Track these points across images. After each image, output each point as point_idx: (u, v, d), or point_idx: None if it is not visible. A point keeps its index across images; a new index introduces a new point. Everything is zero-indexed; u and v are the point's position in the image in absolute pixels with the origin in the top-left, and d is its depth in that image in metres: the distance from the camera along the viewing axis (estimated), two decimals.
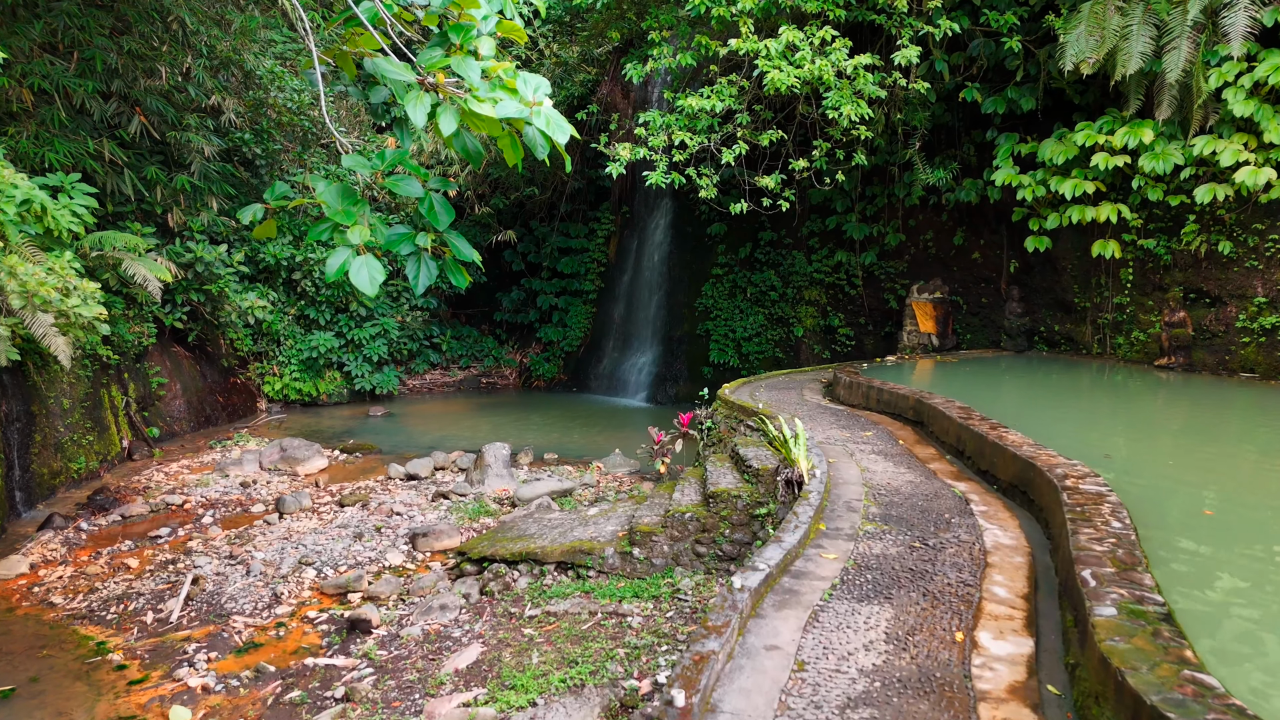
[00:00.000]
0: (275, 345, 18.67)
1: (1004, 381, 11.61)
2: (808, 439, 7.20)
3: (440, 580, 8.31)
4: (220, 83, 17.09)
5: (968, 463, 7.05)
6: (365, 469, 13.21)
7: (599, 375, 21.07)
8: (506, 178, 20.52)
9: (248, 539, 9.80)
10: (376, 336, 19.47)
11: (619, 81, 20.98)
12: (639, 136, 12.32)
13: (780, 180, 12.18)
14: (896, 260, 16.09)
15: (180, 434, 15.55)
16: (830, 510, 5.50)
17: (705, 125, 12.01)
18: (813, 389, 11.35)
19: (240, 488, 11.89)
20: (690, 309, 19.70)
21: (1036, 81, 12.62)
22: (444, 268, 5.06)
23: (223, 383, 17.46)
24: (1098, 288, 12.76)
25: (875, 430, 8.34)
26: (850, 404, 9.88)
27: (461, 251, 5.04)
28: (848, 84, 11.19)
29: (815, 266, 17.36)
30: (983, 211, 14.41)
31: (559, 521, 8.84)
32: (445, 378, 22.23)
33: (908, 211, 15.62)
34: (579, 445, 14.91)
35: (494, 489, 11.40)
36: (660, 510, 8.21)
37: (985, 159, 14.17)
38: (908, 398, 8.77)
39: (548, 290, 22.57)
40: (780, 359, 18.07)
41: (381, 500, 11.16)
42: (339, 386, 19.21)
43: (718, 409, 9.95)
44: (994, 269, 14.52)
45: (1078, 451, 6.83)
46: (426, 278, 4.87)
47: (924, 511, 5.64)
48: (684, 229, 20.28)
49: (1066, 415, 9.17)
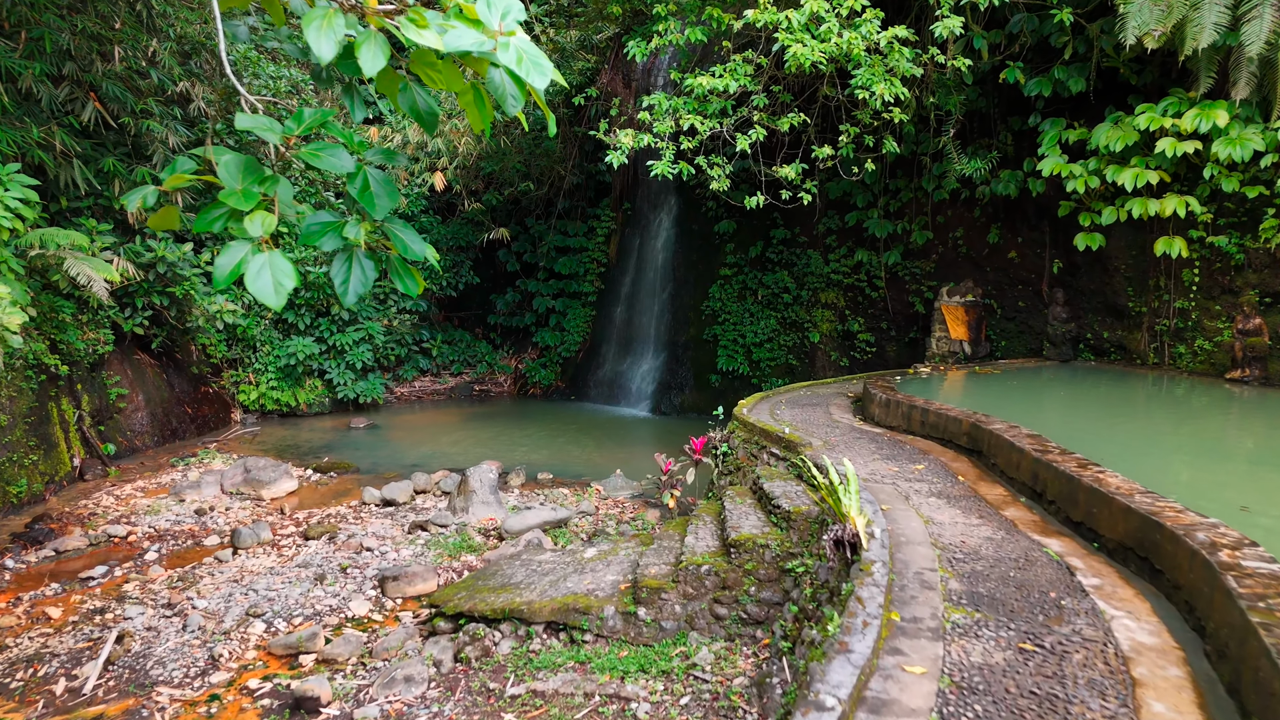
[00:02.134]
0: (251, 352, 17.39)
1: (1054, 395, 10.29)
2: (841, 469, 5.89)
3: (410, 639, 7.00)
4: (190, 69, 15.81)
5: (1050, 509, 5.73)
6: (339, 492, 11.90)
7: (599, 383, 19.76)
8: (500, 172, 19.21)
9: (192, 581, 8.49)
10: (360, 342, 18.18)
11: (620, 69, 19.69)
12: (643, 122, 11.01)
13: (801, 170, 10.87)
14: (923, 260, 14.78)
15: (142, 449, 14.25)
16: (900, 586, 4.18)
17: (717, 109, 10.69)
18: (840, 406, 10.03)
19: (194, 516, 10.58)
20: (696, 312, 18.39)
21: (1086, 60, 11.30)
22: (389, 270, 3.77)
23: (192, 392, 16.16)
24: (1156, 290, 11.44)
25: (926, 462, 7.02)
26: (888, 426, 8.56)
27: (409, 248, 3.73)
28: (879, 60, 9.88)
29: (833, 266, 16.05)
30: (1021, 206, 13.09)
31: (550, 565, 7.53)
32: (435, 385, 20.92)
33: (936, 207, 14.31)
34: (576, 463, 13.60)
35: (479, 518, 10.09)
36: (670, 556, 6.90)
37: (1024, 148, 12.86)
38: (961, 421, 7.45)
39: (544, 292, 21.27)
40: (794, 366, 16.76)
41: (351, 532, 9.85)
42: (320, 396, 17.91)
43: (735, 431, 8.64)
44: (1033, 269, 13.20)
45: (1159, 480, 5.57)
46: (359, 283, 3.57)
47: (1020, 587, 4.31)
48: (690, 226, 18.98)
49: (1133, 436, 7.87)
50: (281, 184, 3.40)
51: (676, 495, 8.25)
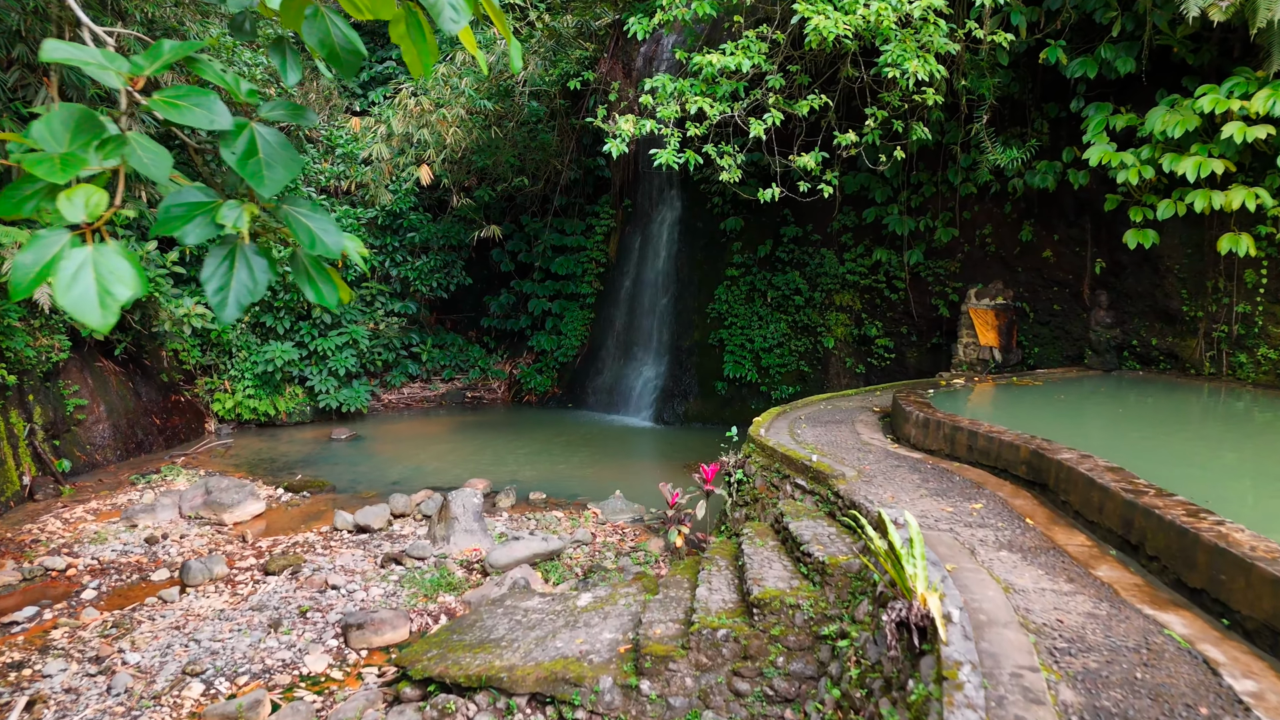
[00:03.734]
0: (226, 358, 16.30)
1: (1106, 409, 9.19)
2: (896, 517, 4.80)
3: (370, 707, 5.91)
4: None
5: (1152, 566, 4.63)
6: (310, 514, 10.81)
7: (597, 390, 18.65)
8: (493, 167, 18.11)
9: (129, 628, 7.40)
10: (344, 347, 17.09)
11: (620, 58, 18.60)
12: (645, 107, 9.91)
13: (821, 159, 9.77)
14: (947, 259, 13.68)
15: (102, 465, 13.17)
16: (998, 699, 3.08)
17: (728, 91, 9.59)
18: (867, 423, 8.93)
19: (145, 545, 9.48)
20: (701, 315, 17.29)
21: (1136, 38, 10.20)
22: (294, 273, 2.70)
23: (161, 402, 15.07)
24: (1214, 293, 10.34)
25: (983, 499, 5.91)
26: (927, 449, 7.46)
27: (318, 240, 2.66)
28: (911, 34, 8.78)
29: (849, 267, 14.95)
30: (1059, 200, 11.99)
31: (538, 616, 6.44)
32: (425, 391, 19.82)
33: (962, 202, 13.21)
34: (572, 480, 12.51)
35: (461, 549, 9.00)
36: (678, 611, 5.81)
37: (1061, 137, 11.77)
38: (1019, 448, 6.35)
39: (540, 293, 20.17)
40: (806, 373, 15.66)
41: (318, 565, 8.76)
42: (300, 404, 16.82)
43: (751, 455, 7.53)
44: (1071, 270, 12.10)
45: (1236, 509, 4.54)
46: (243, 289, 2.50)
47: (1156, 698, 3.22)
48: (694, 224, 17.88)
49: (1206, 460, 6.78)
50: (145, 148, 2.31)
51: (685, 533, 7.16)
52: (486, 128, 15.85)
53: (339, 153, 17.84)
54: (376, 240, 19.38)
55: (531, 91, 17.18)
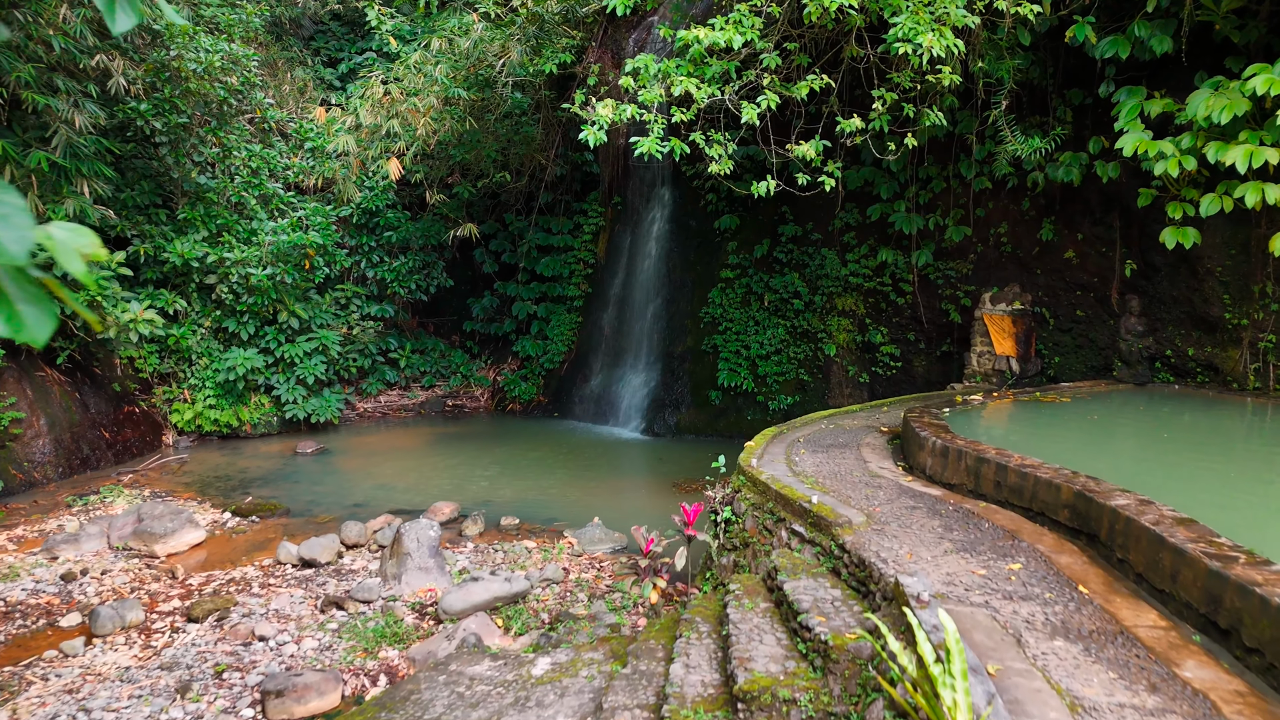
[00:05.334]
0: (186, 365, 15.24)
1: (1143, 431, 8.13)
2: (922, 592, 3.73)
3: None
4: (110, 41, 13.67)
5: (1251, 660, 3.57)
6: (256, 543, 9.76)
7: (585, 398, 17.59)
8: (474, 161, 17.04)
9: (15, 691, 6.34)
10: (313, 353, 16.00)
11: (609, 47, 17.55)
12: (626, 90, 8.86)
13: (822, 149, 8.71)
14: (959, 260, 12.62)
15: (42, 483, 12.12)
16: None
17: (718, 71, 8.53)
18: (874, 447, 7.86)
19: (60, 583, 8.42)
20: (694, 320, 16.24)
21: (1174, 15, 9.14)
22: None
23: (112, 414, 14.00)
24: (1261, 299, 9.28)
25: (1022, 557, 4.84)
26: (947, 484, 6.40)
27: None
28: (924, 5, 7.72)
29: (852, 268, 13.89)
30: (1083, 195, 10.94)
31: (484, 690, 5.38)
32: (404, 400, 18.76)
33: (976, 197, 12.15)
34: (550, 501, 11.45)
35: (414, 589, 7.94)
36: (647, 692, 4.75)
37: (1085, 126, 10.72)
38: (1059, 488, 5.29)
39: (525, 296, 19.10)
40: (805, 382, 14.60)
41: (249, 609, 7.69)
42: (266, 415, 15.75)
43: (741, 490, 6.47)
44: (1096, 272, 11.03)
45: None
46: None
47: None
48: (687, 223, 16.83)
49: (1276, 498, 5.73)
50: None
51: (661, 586, 6.11)
52: (464, 119, 14.78)
53: (308, 146, 16.78)
54: (351, 239, 18.33)
55: (515, 82, 16.12)
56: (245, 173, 15.79)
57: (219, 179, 15.39)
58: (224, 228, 15.33)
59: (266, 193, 15.98)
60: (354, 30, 22.91)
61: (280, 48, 20.75)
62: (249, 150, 15.85)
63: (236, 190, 15.54)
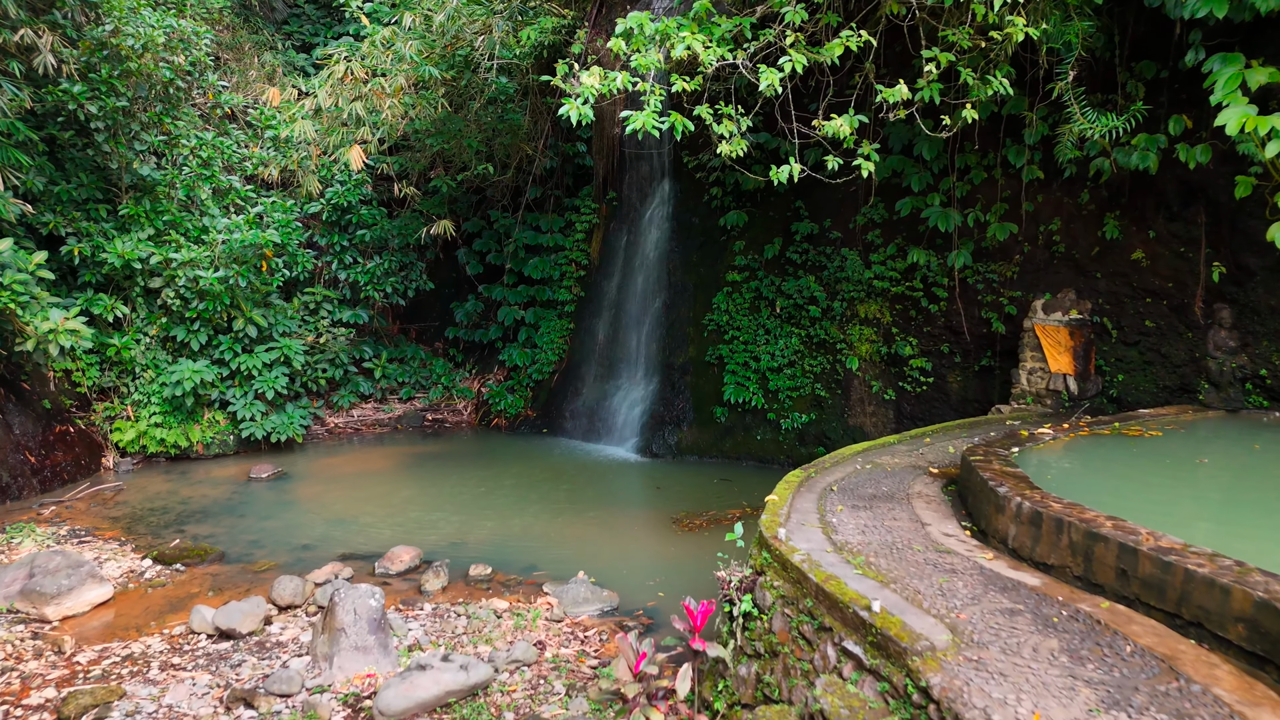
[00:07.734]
0: (130, 378, 13.62)
1: (1262, 480, 6.48)
2: None
3: None
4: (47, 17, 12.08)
5: None
6: (174, 601, 8.13)
7: (576, 413, 15.98)
8: (455, 152, 15.42)
9: None
10: (273, 365, 14.39)
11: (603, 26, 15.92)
12: (618, 56, 7.24)
13: (856, 125, 7.09)
14: (1003, 262, 11.00)
15: None
16: None
17: (729, 29, 6.91)
18: (929, 499, 6.23)
19: None
20: (697, 327, 14.62)
21: None
22: None
23: (41, 435, 12.38)
24: None
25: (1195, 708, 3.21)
26: (1041, 563, 4.77)
27: None
28: None
29: (877, 270, 12.26)
30: (1157, 185, 9.32)
31: None
32: (379, 414, 17.14)
33: (1025, 190, 10.52)
34: (531, 542, 9.83)
35: (348, 675, 6.31)
36: None
37: (1160, 104, 9.10)
38: (1229, 592, 3.68)
39: (512, 300, 17.49)
40: (822, 399, 12.97)
41: (136, 706, 6.07)
42: (220, 433, 14.14)
43: (766, 574, 4.83)
44: (1172, 276, 9.41)
45: None
46: None
47: None
48: (689, 220, 15.21)
49: None
50: None
51: (659, 714, 4.48)
52: (440, 103, 13.16)
53: (269, 135, 15.16)
54: (321, 238, 16.73)
55: (499, 65, 14.51)
56: (195, 163, 14.17)
57: (165, 170, 13.77)
58: (171, 225, 13.72)
59: (220, 185, 14.35)
60: (331, 14, 21.32)
61: (249, 30, 19.15)
62: (199, 138, 14.22)
63: (185, 183, 13.92)
